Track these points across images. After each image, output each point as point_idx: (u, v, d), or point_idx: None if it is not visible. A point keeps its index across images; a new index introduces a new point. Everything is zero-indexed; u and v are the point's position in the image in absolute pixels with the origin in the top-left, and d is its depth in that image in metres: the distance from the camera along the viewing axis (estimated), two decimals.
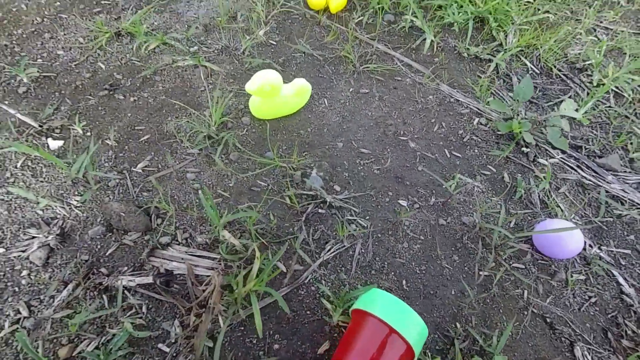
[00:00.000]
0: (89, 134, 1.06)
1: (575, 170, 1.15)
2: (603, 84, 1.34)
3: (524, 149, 1.20)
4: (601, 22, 1.60)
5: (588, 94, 1.34)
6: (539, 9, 1.60)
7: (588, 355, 0.87)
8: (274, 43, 1.43)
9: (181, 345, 0.76)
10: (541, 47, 1.48)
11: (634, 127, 1.24)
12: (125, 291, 0.82)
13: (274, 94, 1.10)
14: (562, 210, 1.06)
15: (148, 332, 0.78)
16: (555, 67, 1.44)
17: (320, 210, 1.02)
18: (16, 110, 1.04)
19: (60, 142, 1.01)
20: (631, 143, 1.25)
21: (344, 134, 1.22)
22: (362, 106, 1.31)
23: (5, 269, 0.82)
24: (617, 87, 1.38)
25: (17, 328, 0.75)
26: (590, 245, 1.02)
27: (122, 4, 1.41)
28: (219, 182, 1.04)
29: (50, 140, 1.01)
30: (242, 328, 0.81)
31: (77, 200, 0.91)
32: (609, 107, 1.32)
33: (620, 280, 0.99)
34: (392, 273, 0.93)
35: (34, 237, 0.84)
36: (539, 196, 1.10)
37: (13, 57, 1.17)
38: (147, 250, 0.85)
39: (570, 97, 1.33)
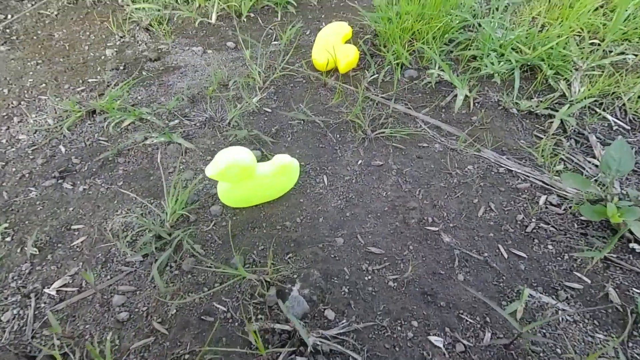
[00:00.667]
0: (10, 239, 0.83)
1: None
2: None
3: (633, 245, 0.76)
4: None
5: None
6: (610, 51, 1.23)
7: None
8: (269, 110, 1.20)
9: None
10: (624, 95, 1.08)
11: None
12: None
13: (245, 177, 0.82)
14: None
15: None
16: None
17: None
18: None
19: None
20: None
21: (347, 225, 0.88)
22: (373, 183, 0.98)
23: None
24: None
25: None
26: None
27: (108, 81, 1.30)
28: (158, 309, 0.73)
29: None
30: None
31: None
32: None
33: None
34: None
35: None
36: None
37: None
38: None
39: None
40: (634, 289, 0.73)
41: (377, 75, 1.30)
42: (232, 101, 1.22)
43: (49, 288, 0.74)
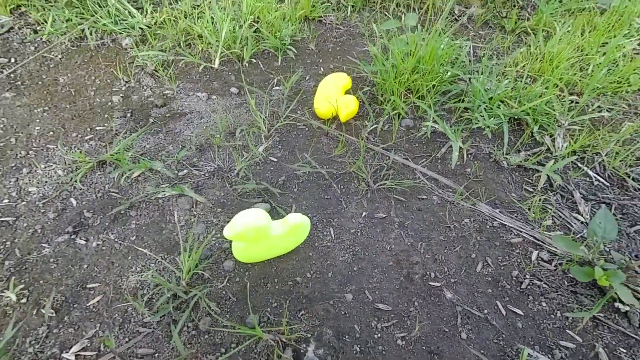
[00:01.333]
0: (25, 300, 0.84)
1: None
2: None
3: (620, 305, 0.83)
4: None
5: None
6: (588, 105, 1.35)
7: None
8: (275, 160, 1.25)
9: None
10: (602, 150, 1.18)
11: None
12: None
13: (260, 238, 0.86)
14: None
15: None
16: (629, 176, 1.13)
17: None
18: None
19: None
20: None
21: (355, 280, 0.93)
22: (378, 236, 1.03)
23: None
24: None
25: None
26: None
27: (117, 129, 1.33)
28: None
29: None
30: None
31: None
32: None
33: None
34: None
35: None
36: None
37: None
38: None
39: None
40: (620, 349, 0.79)
41: (376, 125, 1.37)
42: (239, 150, 1.27)
43: (67, 352, 0.76)
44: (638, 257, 0.89)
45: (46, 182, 1.13)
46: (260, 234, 0.84)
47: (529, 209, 1.07)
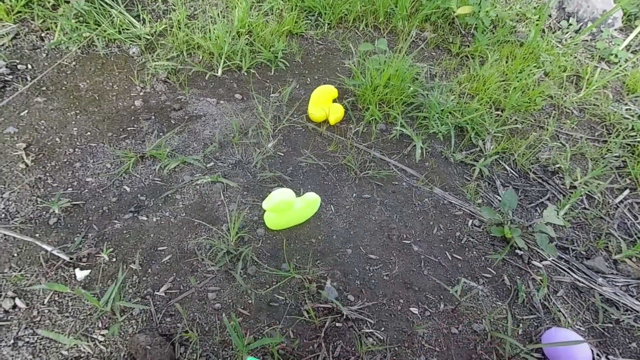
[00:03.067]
0: (114, 259, 1.12)
1: (568, 272, 1.25)
2: (575, 187, 1.53)
3: (518, 251, 1.31)
4: (561, 128, 1.86)
5: (564, 196, 1.52)
6: (508, 119, 1.86)
7: None
8: (282, 154, 1.59)
9: None
10: (515, 152, 1.69)
11: (610, 229, 1.39)
12: None
13: (288, 209, 1.21)
14: (564, 316, 1.13)
15: None
16: (530, 170, 1.63)
17: (337, 324, 1.06)
18: (46, 244, 1.10)
19: (86, 272, 1.06)
20: (611, 244, 1.38)
21: (352, 240, 1.32)
22: (365, 211, 1.43)
23: None
24: (588, 191, 1.56)
25: None
26: (598, 355, 1.07)
27: (146, 129, 1.59)
28: (239, 300, 1.09)
29: (77, 271, 1.06)
30: None
31: (103, 335, 0.93)
32: (585, 208, 1.48)
33: None
34: None
35: None
36: (540, 300, 1.17)
37: (46, 189, 1.28)
38: None
39: (549, 199, 1.50)
40: (517, 277, 1.26)
41: (358, 128, 1.77)
42: (253, 146, 1.60)
43: (158, 291, 1.06)
44: (530, 221, 1.37)
45: (99, 173, 1.37)
46: (288, 206, 1.20)
47: (467, 192, 1.53)
